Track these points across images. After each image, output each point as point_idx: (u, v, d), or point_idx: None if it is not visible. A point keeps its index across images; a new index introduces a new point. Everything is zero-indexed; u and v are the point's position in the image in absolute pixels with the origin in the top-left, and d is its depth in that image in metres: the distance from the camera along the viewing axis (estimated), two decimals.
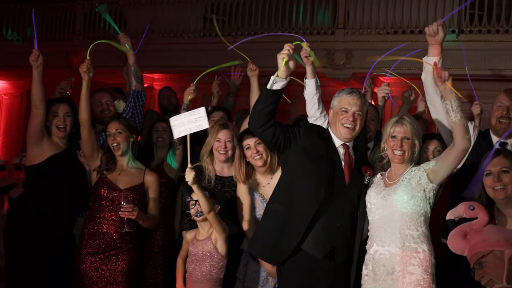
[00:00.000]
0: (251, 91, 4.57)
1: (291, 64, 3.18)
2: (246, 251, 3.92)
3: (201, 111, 3.62)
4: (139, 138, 4.51)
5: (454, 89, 3.12)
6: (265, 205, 3.79)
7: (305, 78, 3.72)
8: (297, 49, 3.33)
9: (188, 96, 4.69)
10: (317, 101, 3.72)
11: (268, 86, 3.21)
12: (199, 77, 4.53)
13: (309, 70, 3.70)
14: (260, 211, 3.86)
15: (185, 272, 3.83)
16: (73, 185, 4.34)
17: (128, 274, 4.04)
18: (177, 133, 3.69)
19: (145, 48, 5.20)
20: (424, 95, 4.13)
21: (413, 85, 5.11)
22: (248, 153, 3.84)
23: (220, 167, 4.12)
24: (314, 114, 3.75)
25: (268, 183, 3.90)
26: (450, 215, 3.02)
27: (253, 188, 3.92)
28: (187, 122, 3.63)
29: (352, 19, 8.68)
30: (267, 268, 3.74)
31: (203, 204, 3.59)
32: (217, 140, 4.05)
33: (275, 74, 3.19)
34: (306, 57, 3.65)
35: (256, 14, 9.22)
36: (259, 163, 3.84)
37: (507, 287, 2.72)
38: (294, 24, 9.11)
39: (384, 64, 5.00)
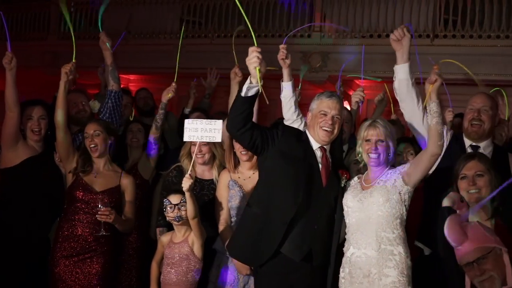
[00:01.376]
0: (230, 93, 4.57)
1: (262, 68, 3.13)
2: (219, 253, 3.92)
3: (218, 123, 3.56)
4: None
5: (434, 94, 3.16)
6: (242, 195, 3.84)
7: (282, 81, 3.73)
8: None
9: (167, 94, 4.67)
10: (293, 104, 3.74)
11: (243, 94, 3.18)
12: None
13: (285, 73, 3.71)
14: (237, 202, 3.88)
15: (159, 275, 3.81)
16: (49, 188, 4.27)
17: (103, 277, 4.00)
18: (188, 136, 3.59)
19: (121, 49, 5.16)
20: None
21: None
22: (236, 145, 3.88)
23: (201, 170, 4.14)
24: (291, 117, 3.77)
25: (249, 177, 3.92)
26: (447, 202, 2.96)
27: (233, 179, 3.93)
28: (201, 130, 3.55)
29: (329, 22, 8.73)
30: (236, 264, 3.73)
31: (191, 210, 3.56)
32: (193, 144, 4.05)
33: (248, 81, 3.17)
34: (282, 59, 3.66)
35: (233, 16, 9.22)
36: (244, 157, 3.88)
37: None
38: (271, 27, 9.13)
39: (358, 67, 5.06)
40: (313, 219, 3.38)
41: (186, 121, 3.63)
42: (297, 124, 3.74)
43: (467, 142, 3.81)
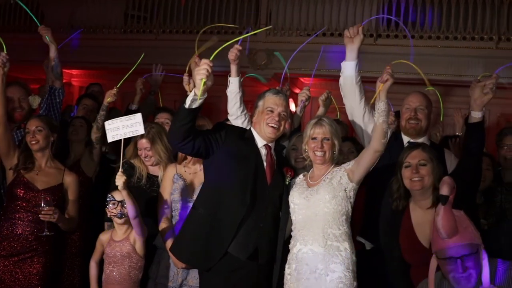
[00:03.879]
0: None
1: (209, 83, 3.08)
2: (160, 249, 3.91)
3: (138, 116, 3.55)
4: None
5: (383, 93, 3.21)
6: (185, 188, 3.87)
7: (229, 76, 3.75)
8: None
9: (108, 98, 4.65)
10: (239, 100, 3.78)
11: (186, 106, 3.11)
12: (122, 80, 4.47)
13: (233, 69, 3.77)
14: (180, 196, 3.88)
15: (99, 274, 3.75)
16: None
17: (44, 277, 3.92)
18: (111, 137, 3.57)
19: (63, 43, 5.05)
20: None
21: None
22: None
23: (152, 167, 4.17)
24: (235, 113, 3.81)
25: (196, 173, 3.93)
26: (446, 190, 2.80)
27: (179, 173, 3.93)
28: (122, 127, 3.54)
29: (274, 19, 8.77)
30: (172, 258, 3.71)
31: (131, 210, 3.52)
32: (139, 149, 4.09)
33: (193, 93, 3.10)
34: (233, 60, 3.73)
35: (179, 11, 9.13)
36: None
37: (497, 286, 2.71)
38: (217, 23, 9.07)
39: (305, 65, 5.12)
40: (258, 217, 3.39)
41: (106, 122, 3.62)
42: (241, 120, 3.78)
43: (405, 138, 3.95)
